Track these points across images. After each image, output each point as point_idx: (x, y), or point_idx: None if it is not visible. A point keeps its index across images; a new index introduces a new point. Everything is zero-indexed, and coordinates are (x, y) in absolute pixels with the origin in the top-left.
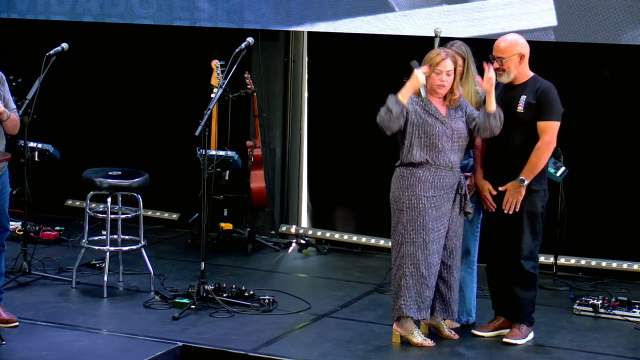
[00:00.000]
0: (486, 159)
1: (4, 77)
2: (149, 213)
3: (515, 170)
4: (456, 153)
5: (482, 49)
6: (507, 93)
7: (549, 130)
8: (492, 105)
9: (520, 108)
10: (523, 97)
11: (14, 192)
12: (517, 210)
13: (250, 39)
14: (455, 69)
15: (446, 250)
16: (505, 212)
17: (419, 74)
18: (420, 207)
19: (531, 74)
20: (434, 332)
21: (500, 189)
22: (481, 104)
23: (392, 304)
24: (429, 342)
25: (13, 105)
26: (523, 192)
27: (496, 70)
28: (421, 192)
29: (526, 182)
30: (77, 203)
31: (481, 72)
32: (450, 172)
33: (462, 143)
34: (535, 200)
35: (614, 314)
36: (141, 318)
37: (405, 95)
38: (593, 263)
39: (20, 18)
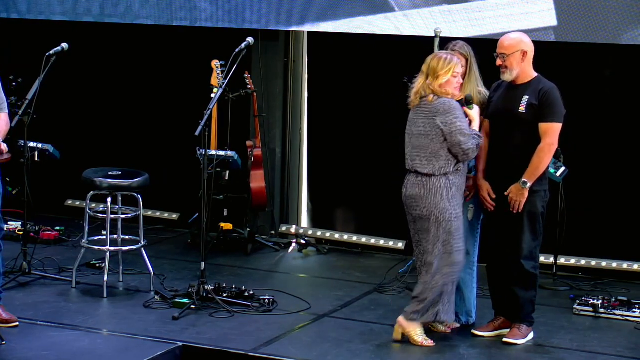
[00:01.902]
0: (487, 158)
1: None
2: (149, 213)
3: (516, 170)
4: None
5: (482, 49)
6: (509, 93)
7: (551, 132)
8: None
9: (522, 108)
10: (525, 98)
11: (14, 192)
12: (519, 211)
13: (250, 39)
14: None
15: None
16: (508, 211)
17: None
18: (461, 215)
19: (535, 74)
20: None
21: (505, 194)
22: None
23: (420, 307)
24: (429, 342)
25: (1, 104)
26: (526, 194)
27: (499, 67)
28: (461, 200)
29: (529, 185)
30: (77, 203)
31: (483, 72)
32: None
33: None
34: (536, 200)
35: (614, 314)
36: (141, 318)
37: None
38: (593, 263)
39: (20, 18)
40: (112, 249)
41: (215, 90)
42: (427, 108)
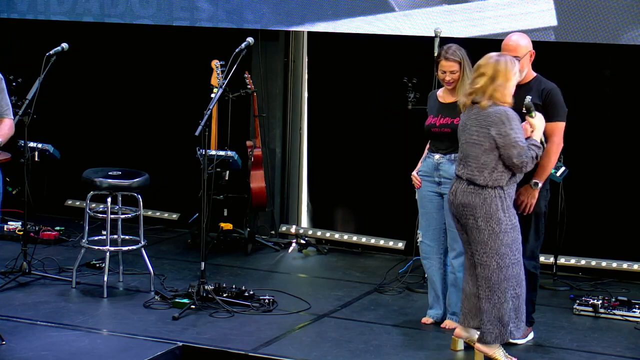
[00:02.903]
0: None
1: (1, 77)
2: (149, 213)
3: None
4: None
5: (482, 49)
6: None
7: (557, 132)
8: None
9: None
10: (528, 98)
11: (14, 192)
12: (530, 212)
13: (250, 39)
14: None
15: None
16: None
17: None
18: (517, 225)
19: (534, 74)
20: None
21: (515, 197)
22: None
23: (493, 328)
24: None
25: (7, 109)
26: (536, 195)
27: None
28: (514, 210)
29: (540, 185)
30: (77, 203)
31: None
32: None
33: None
34: (540, 199)
35: (614, 314)
36: (141, 318)
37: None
38: (593, 263)
39: (20, 18)
40: (112, 249)
41: (215, 90)
42: (481, 116)
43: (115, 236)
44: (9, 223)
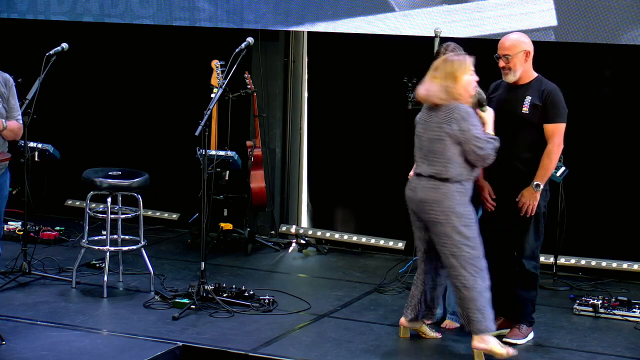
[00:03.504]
0: None
1: (11, 81)
2: (149, 213)
3: (517, 170)
4: None
5: (482, 49)
6: (510, 93)
7: (558, 133)
8: None
9: (525, 109)
10: (528, 98)
11: (14, 192)
12: (532, 214)
13: (250, 39)
14: None
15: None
16: (510, 212)
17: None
18: (476, 221)
19: (535, 74)
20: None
21: (517, 200)
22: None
23: (482, 317)
24: (511, 351)
25: (17, 113)
26: (538, 196)
27: (502, 69)
28: (471, 206)
29: (541, 187)
30: (77, 203)
31: (483, 72)
32: None
33: None
34: (539, 200)
35: (614, 314)
36: (141, 318)
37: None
38: (593, 263)
39: (20, 18)
40: (112, 249)
41: (215, 90)
42: (441, 113)
43: (115, 236)
44: (9, 223)
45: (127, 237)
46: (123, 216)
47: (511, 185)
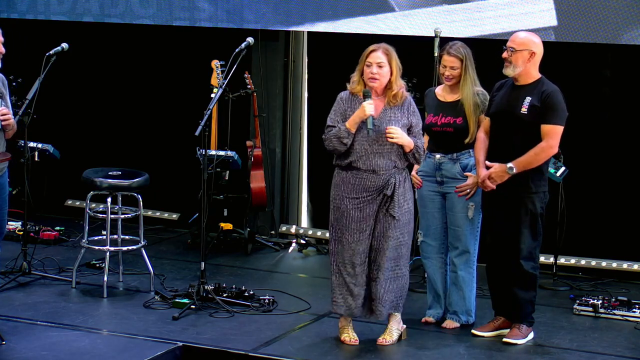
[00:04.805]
0: (487, 157)
1: (6, 81)
2: (149, 213)
3: None
4: (383, 156)
5: (482, 49)
6: (512, 93)
7: (552, 134)
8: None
9: (524, 110)
10: (528, 99)
11: (14, 192)
12: (487, 190)
13: (250, 39)
14: (390, 63)
15: (373, 250)
16: (508, 211)
17: (367, 105)
18: (342, 208)
19: (539, 75)
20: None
21: (487, 164)
22: (480, 105)
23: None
24: (352, 341)
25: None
26: (505, 178)
27: (504, 59)
28: (344, 194)
29: (514, 171)
30: (77, 203)
31: (484, 72)
32: (373, 175)
33: (394, 146)
34: (535, 200)
35: (614, 314)
36: (141, 318)
37: (353, 126)
38: (593, 263)
39: (20, 18)
40: (112, 249)
41: (215, 90)
42: None
43: (115, 236)
44: (9, 223)
45: (127, 237)
46: (123, 216)
47: (508, 183)
